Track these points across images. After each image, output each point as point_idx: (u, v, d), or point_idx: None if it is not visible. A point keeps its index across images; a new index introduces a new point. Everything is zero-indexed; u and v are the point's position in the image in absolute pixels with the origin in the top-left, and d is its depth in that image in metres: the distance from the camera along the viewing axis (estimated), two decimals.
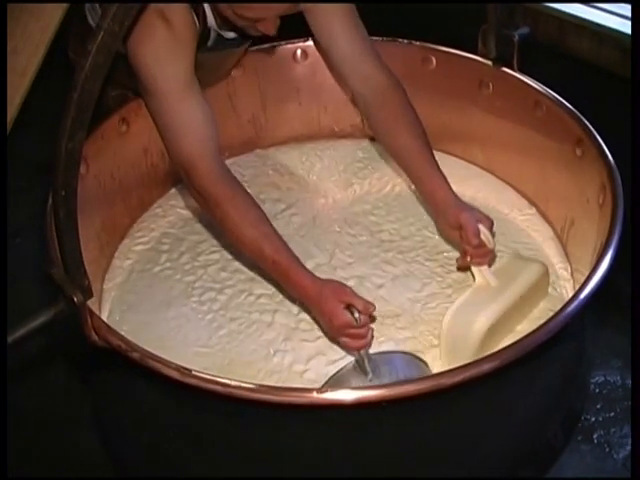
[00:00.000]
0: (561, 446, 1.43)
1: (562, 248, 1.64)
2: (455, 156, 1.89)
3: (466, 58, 1.78)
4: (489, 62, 1.73)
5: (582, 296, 1.21)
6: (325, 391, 1.15)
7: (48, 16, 1.68)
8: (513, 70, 1.70)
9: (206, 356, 1.44)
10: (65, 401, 1.59)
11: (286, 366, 1.41)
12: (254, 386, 1.13)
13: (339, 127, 1.99)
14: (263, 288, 1.56)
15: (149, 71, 1.39)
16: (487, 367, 1.12)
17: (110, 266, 1.66)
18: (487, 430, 1.31)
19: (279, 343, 1.45)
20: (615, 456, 1.41)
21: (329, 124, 1.99)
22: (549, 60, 2.12)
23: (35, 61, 1.70)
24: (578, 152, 1.56)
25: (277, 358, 1.43)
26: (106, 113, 1.64)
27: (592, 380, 1.54)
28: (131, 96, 1.67)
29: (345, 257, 1.64)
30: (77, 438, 1.51)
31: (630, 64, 1.66)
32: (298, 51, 1.90)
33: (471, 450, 1.30)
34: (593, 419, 1.48)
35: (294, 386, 1.34)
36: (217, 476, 1.31)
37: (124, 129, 1.67)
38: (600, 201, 1.45)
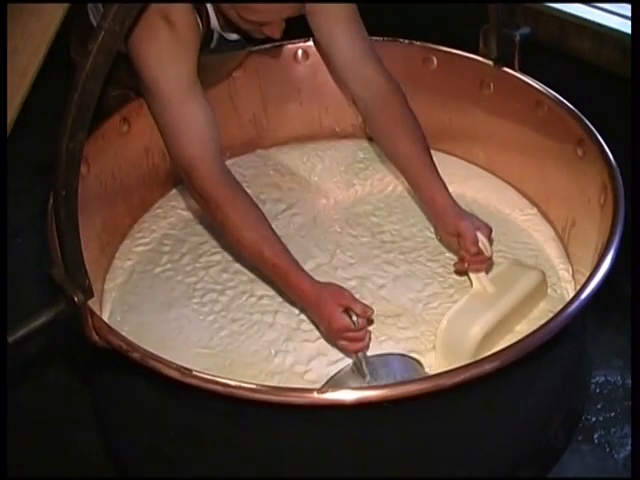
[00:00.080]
0: (562, 446, 1.43)
1: (563, 249, 1.64)
2: (456, 156, 1.89)
3: (467, 58, 1.78)
4: (490, 62, 1.73)
5: (583, 296, 1.21)
6: (325, 391, 1.15)
7: (49, 16, 1.68)
8: (514, 70, 1.70)
9: (207, 357, 1.43)
10: (65, 401, 1.59)
11: (287, 367, 1.41)
12: (254, 386, 1.13)
13: (340, 127, 1.99)
14: (264, 289, 1.55)
15: (151, 72, 1.38)
16: (488, 367, 1.12)
17: (111, 266, 1.65)
18: (488, 430, 1.31)
19: (280, 344, 1.45)
20: (615, 456, 1.42)
21: (330, 124, 1.99)
22: (550, 60, 2.13)
23: (36, 61, 1.70)
24: (579, 152, 1.56)
25: (278, 359, 1.43)
26: (107, 113, 1.64)
27: (593, 380, 1.54)
28: (132, 96, 1.67)
29: (346, 257, 1.63)
30: (77, 438, 1.51)
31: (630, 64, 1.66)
32: (299, 51, 1.89)
33: (472, 450, 1.30)
34: (594, 419, 1.48)
35: (294, 386, 1.33)
36: (217, 476, 1.31)
37: (125, 129, 1.67)
38: (601, 201, 1.45)
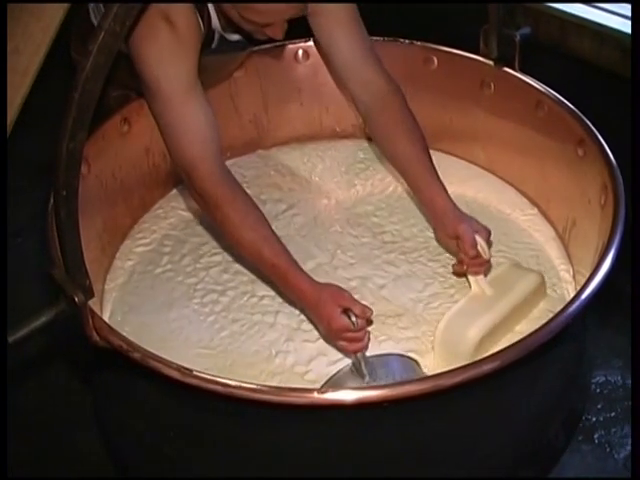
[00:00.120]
0: (562, 446, 1.43)
1: (564, 249, 1.64)
2: (456, 156, 1.89)
3: (467, 58, 1.78)
4: (490, 62, 1.73)
5: (583, 296, 1.21)
6: (326, 391, 1.15)
7: (49, 16, 1.68)
8: (514, 70, 1.70)
9: (208, 357, 1.43)
10: (65, 401, 1.59)
11: (288, 367, 1.41)
12: (255, 386, 1.13)
13: (341, 127, 1.99)
14: (265, 290, 1.55)
15: (152, 72, 1.38)
16: (488, 367, 1.12)
17: (112, 267, 1.65)
18: (488, 430, 1.31)
19: (281, 344, 1.45)
20: (616, 456, 1.42)
21: (331, 124, 1.99)
22: (550, 60, 2.13)
23: (36, 61, 1.69)
24: (580, 152, 1.56)
25: (279, 359, 1.42)
26: (107, 113, 1.64)
27: (593, 380, 1.55)
28: (133, 96, 1.67)
29: (347, 258, 1.63)
30: (77, 438, 1.51)
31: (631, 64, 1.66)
32: (300, 51, 1.89)
33: (472, 450, 1.30)
34: (594, 419, 1.48)
35: (294, 386, 1.33)
36: (217, 476, 1.31)
37: (126, 129, 1.67)
38: (602, 201, 1.45)
